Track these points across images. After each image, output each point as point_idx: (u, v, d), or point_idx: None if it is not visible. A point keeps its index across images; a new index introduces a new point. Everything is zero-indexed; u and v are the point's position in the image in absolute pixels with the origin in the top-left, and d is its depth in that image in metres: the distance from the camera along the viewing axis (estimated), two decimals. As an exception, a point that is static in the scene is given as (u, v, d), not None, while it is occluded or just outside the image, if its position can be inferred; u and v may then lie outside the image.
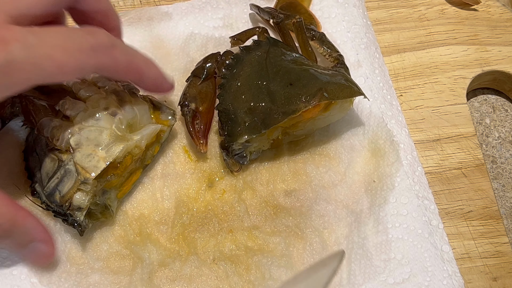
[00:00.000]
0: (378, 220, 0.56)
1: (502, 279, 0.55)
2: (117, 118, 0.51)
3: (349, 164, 0.59)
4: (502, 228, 0.57)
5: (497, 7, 0.68)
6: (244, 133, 0.54)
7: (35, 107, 0.52)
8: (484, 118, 0.66)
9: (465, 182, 0.59)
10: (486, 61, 0.65)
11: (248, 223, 0.56)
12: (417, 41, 0.66)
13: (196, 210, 0.57)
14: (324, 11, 0.66)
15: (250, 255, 0.55)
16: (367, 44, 0.64)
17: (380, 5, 0.69)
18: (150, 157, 0.57)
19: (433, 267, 0.54)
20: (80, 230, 0.52)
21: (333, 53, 0.60)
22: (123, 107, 0.52)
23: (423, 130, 0.62)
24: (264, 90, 0.55)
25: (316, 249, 0.55)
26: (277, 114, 0.54)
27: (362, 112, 0.61)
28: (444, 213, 0.58)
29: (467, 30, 0.67)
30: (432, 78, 0.64)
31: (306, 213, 0.57)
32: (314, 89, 0.54)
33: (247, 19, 0.66)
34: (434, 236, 0.55)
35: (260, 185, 0.58)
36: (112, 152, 0.50)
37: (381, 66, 0.64)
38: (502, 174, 0.62)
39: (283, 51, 0.58)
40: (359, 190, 0.58)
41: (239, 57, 0.58)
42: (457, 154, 0.61)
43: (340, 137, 0.60)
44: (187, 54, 0.64)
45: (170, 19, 0.66)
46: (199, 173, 0.59)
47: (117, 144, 0.51)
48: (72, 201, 0.50)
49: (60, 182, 0.50)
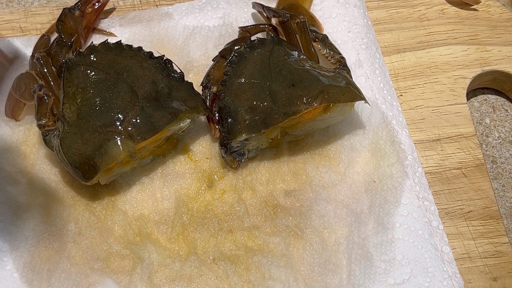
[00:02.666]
0: (378, 220, 0.56)
1: (502, 279, 0.55)
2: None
3: (349, 164, 0.59)
4: (502, 228, 0.57)
5: (497, 7, 0.68)
6: (243, 131, 0.54)
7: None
8: (484, 118, 0.66)
9: (465, 182, 0.59)
10: (486, 61, 0.65)
11: (248, 223, 0.56)
12: (417, 41, 0.66)
13: (196, 210, 0.57)
14: (325, 11, 0.66)
15: (250, 255, 0.55)
16: (368, 44, 0.64)
17: (380, 5, 0.69)
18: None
19: (433, 268, 0.54)
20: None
21: (335, 55, 0.60)
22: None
23: (423, 130, 0.62)
24: (266, 90, 0.55)
25: (316, 249, 0.55)
26: (278, 114, 0.54)
27: (362, 113, 0.61)
28: (444, 213, 0.58)
29: (467, 30, 0.67)
30: (432, 78, 0.64)
31: (306, 213, 0.57)
32: (315, 91, 0.54)
33: (247, 19, 0.66)
34: (434, 237, 0.55)
35: (260, 185, 0.58)
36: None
37: (382, 66, 0.64)
38: (502, 174, 0.62)
39: (287, 51, 0.58)
40: (359, 190, 0.58)
41: (242, 54, 0.58)
42: (457, 154, 0.61)
43: (340, 137, 0.60)
44: (187, 54, 0.64)
45: (170, 19, 0.66)
46: (199, 173, 0.59)
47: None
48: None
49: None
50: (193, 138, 0.60)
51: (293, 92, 0.55)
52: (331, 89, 0.54)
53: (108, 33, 0.65)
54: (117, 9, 0.68)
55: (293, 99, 0.54)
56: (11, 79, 0.61)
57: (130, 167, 0.57)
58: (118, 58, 0.57)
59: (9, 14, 0.67)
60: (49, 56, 0.60)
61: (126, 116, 0.54)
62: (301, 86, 0.55)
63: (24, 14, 0.67)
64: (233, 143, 0.56)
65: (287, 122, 0.55)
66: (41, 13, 0.67)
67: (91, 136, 0.53)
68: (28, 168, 0.58)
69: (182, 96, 0.56)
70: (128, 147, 0.53)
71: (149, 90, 0.55)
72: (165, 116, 0.54)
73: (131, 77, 0.56)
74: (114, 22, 0.66)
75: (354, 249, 0.55)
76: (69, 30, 0.62)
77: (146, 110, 0.54)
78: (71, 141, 0.53)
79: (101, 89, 0.55)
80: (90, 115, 0.54)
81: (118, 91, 0.55)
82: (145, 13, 0.66)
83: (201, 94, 0.58)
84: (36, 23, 0.67)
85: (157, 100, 0.55)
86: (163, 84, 0.56)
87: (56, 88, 0.58)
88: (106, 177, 0.55)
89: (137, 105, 0.54)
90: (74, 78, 0.56)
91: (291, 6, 0.65)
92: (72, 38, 0.61)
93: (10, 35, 0.66)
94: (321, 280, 0.54)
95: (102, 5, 0.65)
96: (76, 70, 0.56)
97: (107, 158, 0.52)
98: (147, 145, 0.55)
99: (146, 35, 0.65)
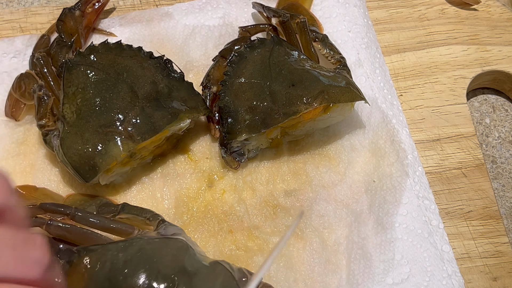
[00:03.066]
0: (378, 220, 0.56)
1: (502, 279, 0.55)
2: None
3: (349, 164, 0.59)
4: (502, 228, 0.57)
5: (497, 7, 0.68)
6: (243, 131, 0.54)
7: None
8: (484, 118, 0.66)
9: (465, 182, 0.59)
10: (486, 61, 0.65)
11: (248, 223, 0.56)
12: (417, 41, 0.66)
13: (196, 210, 0.57)
14: (325, 11, 0.66)
15: (250, 255, 0.55)
16: (368, 44, 0.64)
17: (380, 5, 0.69)
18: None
19: (432, 267, 0.54)
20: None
21: (335, 55, 0.60)
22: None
23: (423, 130, 0.62)
24: (266, 90, 0.55)
25: (316, 249, 0.55)
26: (278, 114, 0.54)
27: (362, 112, 0.61)
28: (444, 213, 0.58)
29: (467, 30, 0.67)
30: (432, 78, 0.64)
31: (306, 213, 0.57)
32: (315, 91, 0.54)
33: (247, 19, 0.66)
34: (434, 236, 0.55)
35: (260, 185, 0.58)
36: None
37: (382, 66, 0.64)
38: (502, 174, 0.62)
39: (287, 51, 0.58)
40: (359, 190, 0.58)
41: (242, 54, 0.58)
42: (457, 154, 0.61)
43: (340, 137, 0.60)
44: (187, 54, 0.64)
45: (170, 19, 0.66)
46: (199, 173, 0.59)
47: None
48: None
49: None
50: (193, 138, 0.60)
51: (293, 92, 0.55)
52: (331, 89, 0.54)
53: (108, 33, 0.65)
54: (117, 9, 0.68)
55: (293, 99, 0.54)
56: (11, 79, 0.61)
57: (130, 167, 0.57)
58: (118, 58, 0.57)
59: (9, 14, 0.67)
60: (49, 56, 0.60)
61: (126, 116, 0.54)
62: (301, 86, 0.55)
63: (24, 14, 0.67)
64: (233, 143, 0.56)
65: (287, 122, 0.55)
66: (41, 13, 0.67)
67: (91, 136, 0.53)
68: (28, 168, 0.58)
69: (182, 96, 0.56)
70: (129, 147, 0.53)
71: (149, 90, 0.55)
72: (165, 116, 0.54)
73: (131, 77, 0.56)
74: (114, 22, 0.66)
75: (353, 249, 0.55)
76: (69, 30, 0.62)
77: (146, 110, 0.54)
78: (71, 141, 0.53)
79: (101, 89, 0.55)
80: (90, 115, 0.54)
81: (118, 91, 0.55)
82: (145, 13, 0.66)
83: (201, 94, 0.58)
84: (36, 23, 0.67)
85: (157, 100, 0.55)
86: (163, 84, 0.56)
87: (56, 88, 0.58)
88: (106, 177, 0.55)
89: (137, 105, 0.54)
90: (74, 78, 0.56)
91: (291, 6, 0.65)
92: (72, 38, 0.61)
93: (10, 35, 0.66)
94: (321, 280, 0.54)
95: (102, 5, 0.65)
96: (76, 70, 0.56)
97: (107, 158, 0.52)
98: (147, 145, 0.55)
99: (146, 35, 0.65)
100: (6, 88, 0.61)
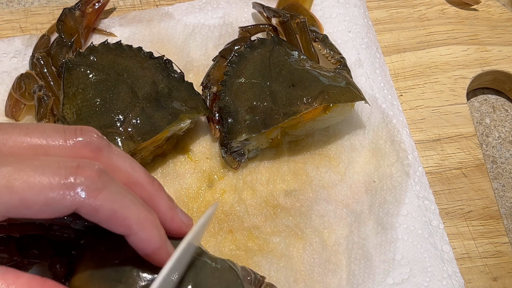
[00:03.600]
0: (378, 220, 0.56)
1: (502, 279, 0.55)
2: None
3: (349, 164, 0.59)
4: (502, 228, 0.57)
5: (497, 7, 0.68)
6: (243, 132, 0.54)
7: None
8: (484, 118, 0.66)
9: (465, 182, 0.59)
10: (486, 61, 0.65)
11: (248, 223, 0.56)
12: (417, 41, 0.66)
13: (196, 210, 0.57)
14: (325, 11, 0.66)
15: (250, 255, 0.55)
16: (368, 44, 0.64)
17: (380, 5, 0.69)
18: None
19: (432, 268, 0.54)
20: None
21: (335, 55, 0.60)
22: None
23: (423, 130, 0.62)
24: (266, 90, 0.55)
25: (316, 249, 0.55)
26: (278, 114, 0.54)
27: (362, 112, 0.61)
28: (444, 213, 0.58)
29: (467, 30, 0.67)
30: (432, 78, 0.64)
31: (306, 213, 0.57)
32: (316, 91, 0.54)
33: (247, 19, 0.66)
34: (434, 237, 0.55)
35: (260, 185, 0.58)
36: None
37: (382, 66, 0.64)
38: (502, 174, 0.62)
39: (287, 51, 0.58)
40: (359, 190, 0.58)
41: (242, 54, 0.58)
42: (457, 154, 0.61)
43: (340, 137, 0.60)
44: (187, 54, 0.64)
45: (170, 19, 0.66)
46: (199, 173, 0.59)
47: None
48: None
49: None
50: (193, 138, 0.60)
51: (293, 92, 0.55)
52: (331, 89, 0.54)
53: (108, 33, 0.65)
54: (117, 9, 0.68)
55: (293, 99, 0.54)
56: (11, 79, 0.61)
57: (130, 167, 0.57)
58: (118, 59, 0.57)
59: (9, 14, 0.67)
60: (49, 56, 0.60)
61: (126, 117, 0.54)
62: (301, 86, 0.55)
63: (24, 14, 0.67)
64: (233, 143, 0.56)
65: (287, 122, 0.55)
66: (41, 13, 0.67)
67: None
68: (28, 168, 0.58)
69: (182, 96, 0.56)
70: (129, 148, 0.53)
71: (149, 91, 0.55)
72: (165, 116, 0.54)
73: (131, 77, 0.56)
74: (114, 22, 0.66)
75: (354, 249, 0.55)
76: (69, 30, 0.62)
77: (146, 111, 0.54)
78: (71, 142, 0.53)
79: (101, 90, 0.55)
80: (90, 116, 0.54)
81: (118, 91, 0.55)
82: (145, 13, 0.66)
83: (201, 94, 0.59)
84: (36, 23, 0.67)
85: (157, 100, 0.55)
86: (163, 85, 0.56)
87: (56, 88, 0.58)
88: (106, 177, 0.55)
89: (137, 106, 0.54)
90: (74, 79, 0.56)
91: (291, 6, 0.65)
92: (72, 38, 0.61)
93: (10, 35, 0.66)
94: (321, 280, 0.54)
95: (102, 5, 0.65)
96: (76, 71, 0.56)
97: None
98: (148, 146, 0.55)
99: (146, 35, 0.65)
100: (6, 88, 0.61)
